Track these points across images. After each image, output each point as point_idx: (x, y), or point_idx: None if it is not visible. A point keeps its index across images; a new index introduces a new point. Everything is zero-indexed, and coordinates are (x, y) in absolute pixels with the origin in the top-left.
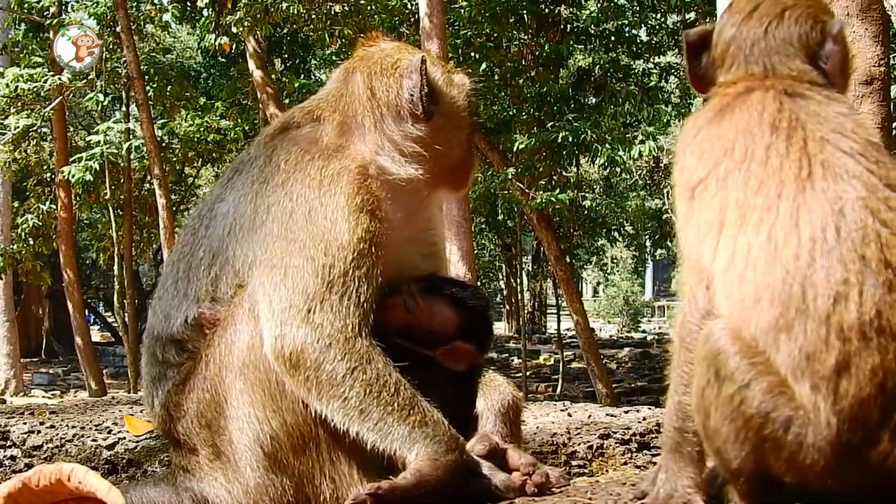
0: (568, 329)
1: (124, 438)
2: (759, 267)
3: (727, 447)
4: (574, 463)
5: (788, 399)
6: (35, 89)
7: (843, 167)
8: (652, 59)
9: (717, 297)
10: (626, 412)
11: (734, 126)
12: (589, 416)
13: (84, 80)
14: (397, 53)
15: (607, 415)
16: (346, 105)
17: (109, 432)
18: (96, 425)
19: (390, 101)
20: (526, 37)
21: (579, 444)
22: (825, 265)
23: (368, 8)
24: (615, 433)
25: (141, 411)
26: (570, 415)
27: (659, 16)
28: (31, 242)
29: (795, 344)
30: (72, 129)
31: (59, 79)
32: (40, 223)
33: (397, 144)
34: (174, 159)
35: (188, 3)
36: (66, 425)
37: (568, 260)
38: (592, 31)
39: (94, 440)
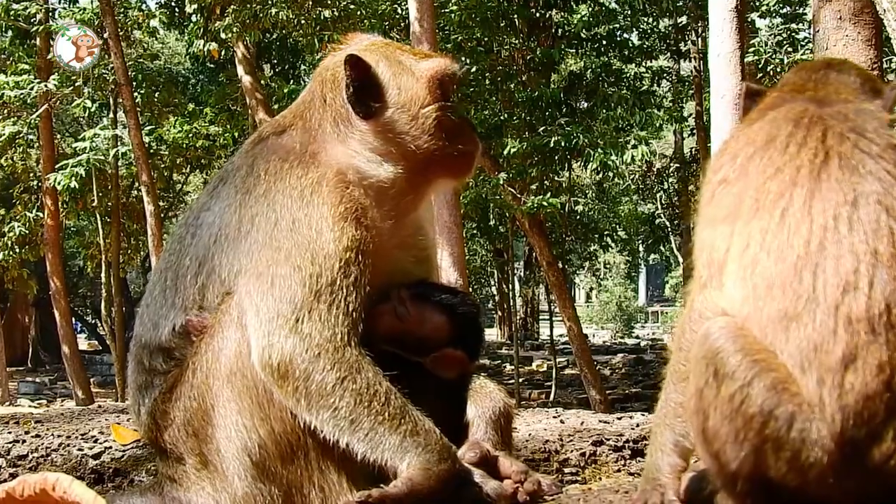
0: (561, 335)
1: (110, 447)
2: (772, 252)
3: (725, 448)
4: (566, 470)
5: (792, 395)
6: (21, 96)
7: (861, 162)
8: (644, 63)
9: (729, 285)
10: (620, 419)
11: (760, 123)
12: (582, 423)
13: (71, 87)
14: (343, 56)
15: (600, 421)
16: (310, 114)
17: (95, 441)
18: (82, 434)
19: (336, 105)
20: (517, 41)
21: (572, 451)
22: (836, 254)
23: (358, 13)
24: (608, 440)
25: (127, 420)
26: (562, 421)
27: (651, 20)
28: (18, 250)
29: (804, 334)
30: (58, 135)
31: (46, 85)
32: (27, 231)
33: (363, 145)
34: (162, 166)
35: (176, 9)
36: (52, 434)
37: (560, 265)
38: (584, 36)
39: (79, 449)
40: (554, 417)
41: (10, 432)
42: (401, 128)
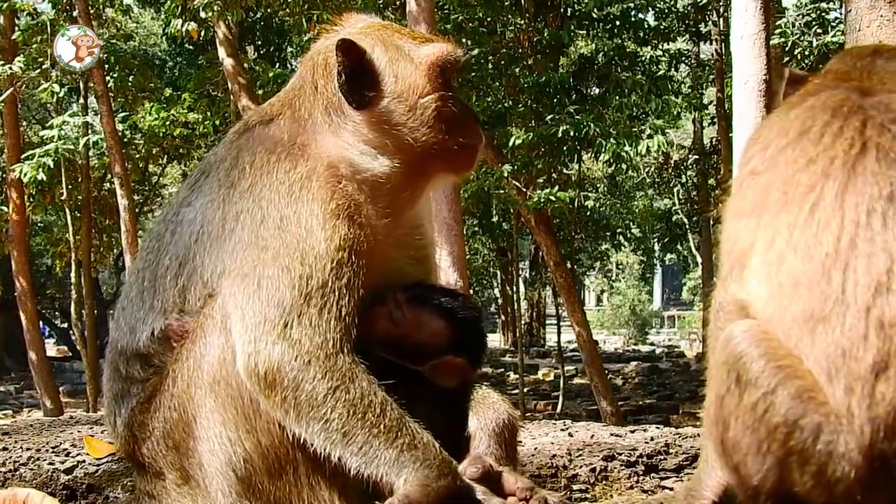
0: (569, 342)
1: (84, 461)
2: (799, 248)
3: (747, 461)
4: (575, 487)
5: (818, 404)
6: None
7: None
8: (661, 46)
9: (753, 283)
10: (633, 432)
11: (796, 112)
12: (592, 437)
13: (38, 70)
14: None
15: (612, 435)
16: (300, 102)
17: (68, 455)
18: (53, 447)
19: (329, 94)
20: (523, 21)
21: (581, 466)
22: (868, 252)
23: None
24: (620, 455)
25: (102, 432)
26: (571, 435)
27: None
28: None
29: (831, 338)
30: (24, 123)
31: (10, 68)
32: None
33: (356, 137)
34: (137, 156)
35: None
36: (21, 447)
37: (569, 266)
38: (595, 16)
39: (50, 463)
40: (562, 430)
41: None
42: (397, 119)
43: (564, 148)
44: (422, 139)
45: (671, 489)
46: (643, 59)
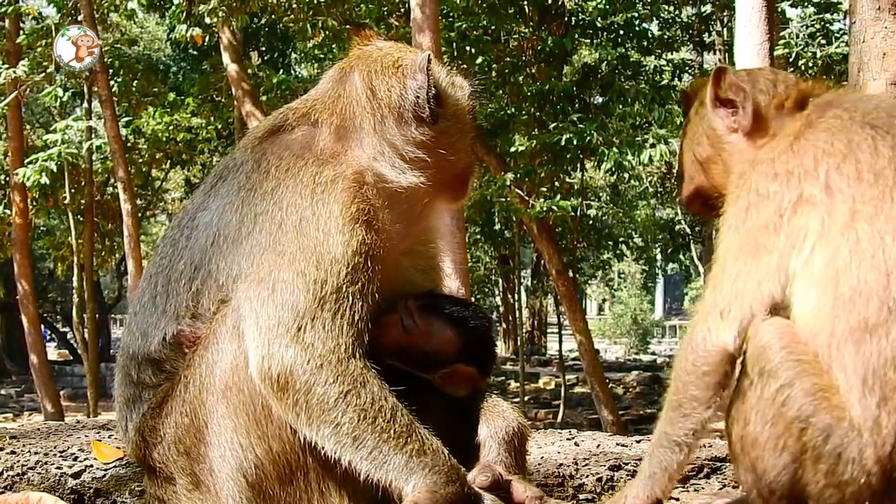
0: (570, 350)
1: (91, 466)
2: (864, 261)
3: (764, 456)
4: (582, 496)
5: (831, 406)
6: None
7: None
8: (664, 55)
9: (797, 303)
10: (638, 441)
11: (816, 138)
12: (598, 446)
13: (42, 74)
14: (398, 52)
15: (617, 444)
16: (343, 107)
17: (75, 459)
18: (61, 451)
19: (392, 103)
20: (526, 30)
21: (588, 475)
22: None
23: None
24: (626, 464)
25: (109, 436)
26: (577, 444)
27: (672, 8)
28: None
29: (877, 347)
30: (28, 127)
31: (15, 71)
32: None
33: (398, 149)
34: (140, 161)
35: None
36: (28, 451)
37: (571, 274)
38: (599, 25)
39: (58, 468)
40: (568, 439)
41: None
42: (447, 139)
43: (567, 156)
44: (462, 161)
45: (676, 499)
46: (647, 68)
